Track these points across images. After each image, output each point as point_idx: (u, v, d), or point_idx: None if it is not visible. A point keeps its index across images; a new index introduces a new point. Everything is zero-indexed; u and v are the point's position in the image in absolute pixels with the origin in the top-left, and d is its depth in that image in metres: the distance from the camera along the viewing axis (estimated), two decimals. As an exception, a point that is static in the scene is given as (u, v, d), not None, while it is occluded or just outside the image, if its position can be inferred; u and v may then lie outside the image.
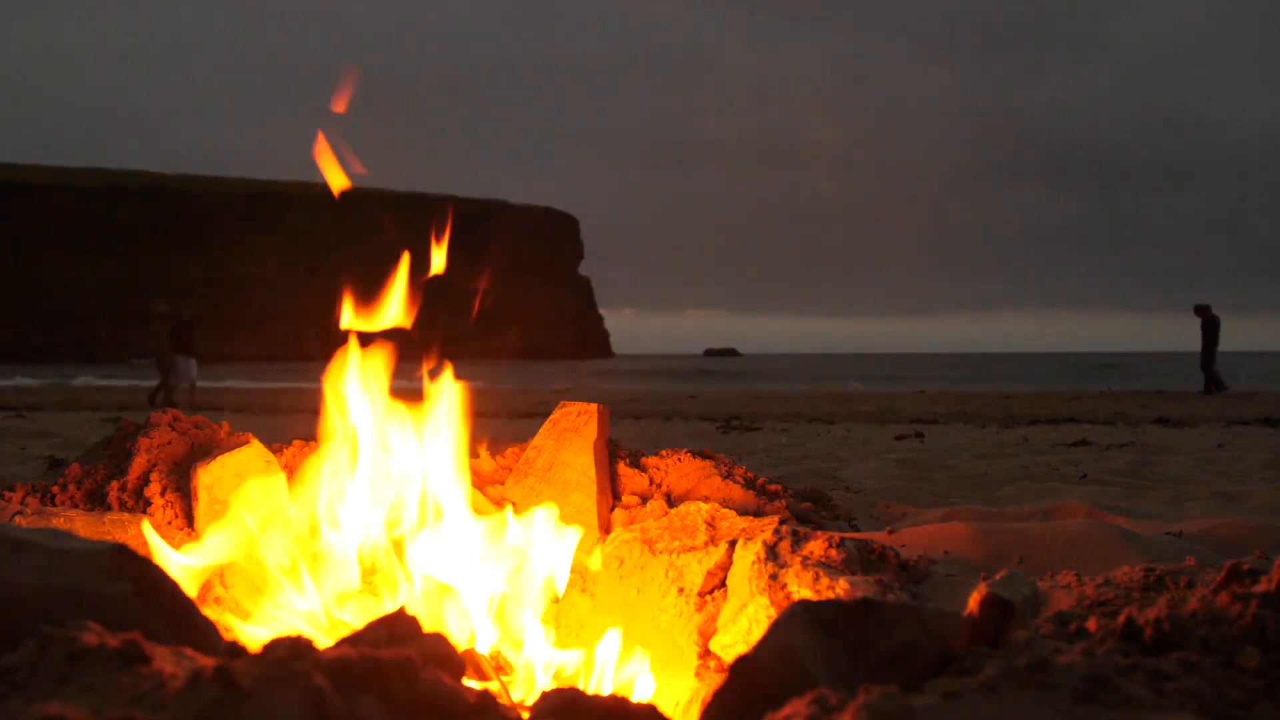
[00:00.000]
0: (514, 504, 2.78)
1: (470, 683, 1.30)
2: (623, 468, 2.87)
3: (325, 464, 2.23)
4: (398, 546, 2.26)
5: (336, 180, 2.32)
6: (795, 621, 1.15)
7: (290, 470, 2.85)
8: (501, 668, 2.11)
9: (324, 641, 1.15)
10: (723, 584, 2.32)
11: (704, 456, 2.93)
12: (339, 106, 2.28)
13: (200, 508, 2.65)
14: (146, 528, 1.99)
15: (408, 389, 2.35)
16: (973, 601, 1.23)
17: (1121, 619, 1.24)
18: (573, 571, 2.62)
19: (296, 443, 2.96)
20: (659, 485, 2.86)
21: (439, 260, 2.42)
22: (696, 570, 2.37)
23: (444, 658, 1.13)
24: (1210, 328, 18.45)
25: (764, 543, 2.15)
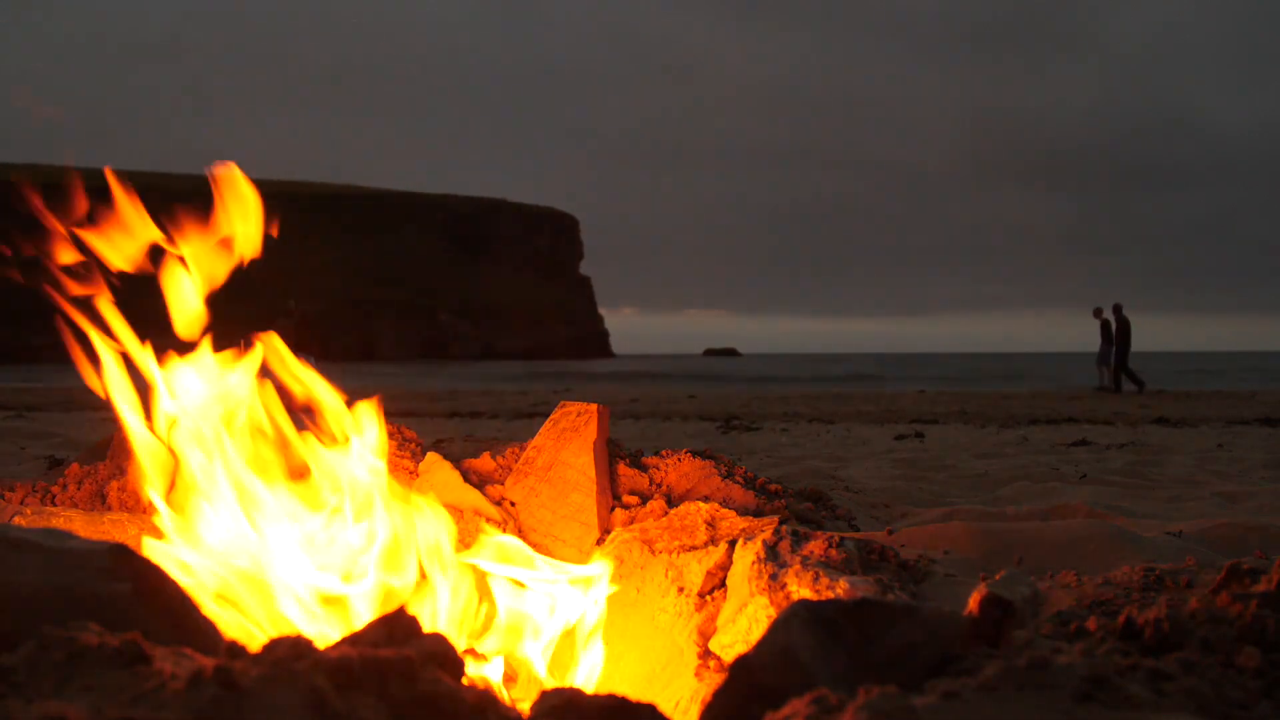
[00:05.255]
0: (513, 503, 2.79)
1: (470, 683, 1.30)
2: (623, 468, 2.87)
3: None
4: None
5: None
6: (795, 621, 1.15)
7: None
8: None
9: (324, 641, 1.15)
10: (723, 584, 2.32)
11: (704, 456, 2.93)
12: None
13: (200, 508, 2.65)
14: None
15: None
16: (973, 601, 1.23)
17: (1121, 619, 1.24)
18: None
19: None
20: (659, 485, 2.86)
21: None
22: (696, 570, 2.37)
23: (444, 658, 1.13)
24: (1126, 329, 18.86)
25: (764, 543, 2.15)
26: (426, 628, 1.19)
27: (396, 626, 1.17)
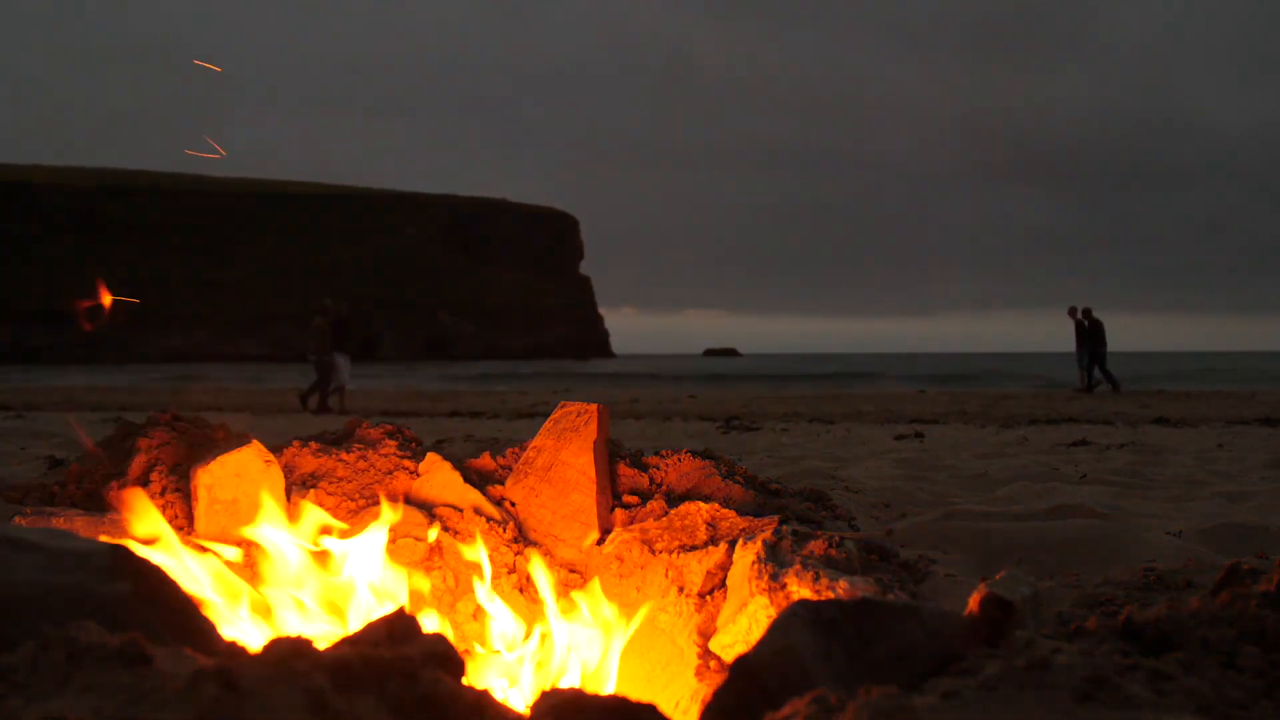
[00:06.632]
0: (513, 503, 2.79)
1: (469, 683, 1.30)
2: (623, 467, 2.87)
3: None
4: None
5: None
6: (795, 621, 1.15)
7: (290, 471, 2.85)
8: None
9: (324, 641, 1.15)
10: (723, 584, 2.32)
11: (704, 456, 2.93)
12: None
13: (200, 508, 2.65)
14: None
15: None
16: (973, 601, 1.23)
17: (1121, 619, 1.24)
18: (572, 571, 2.62)
19: (296, 443, 2.96)
20: (659, 485, 2.86)
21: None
22: (696, 570, 2.37)
23: (444, 658, 1.13)
24: (1099, 330, 19.13)
25: (764, 542, 2.15)
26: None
27: (396, 627, 1.17)
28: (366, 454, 2.87)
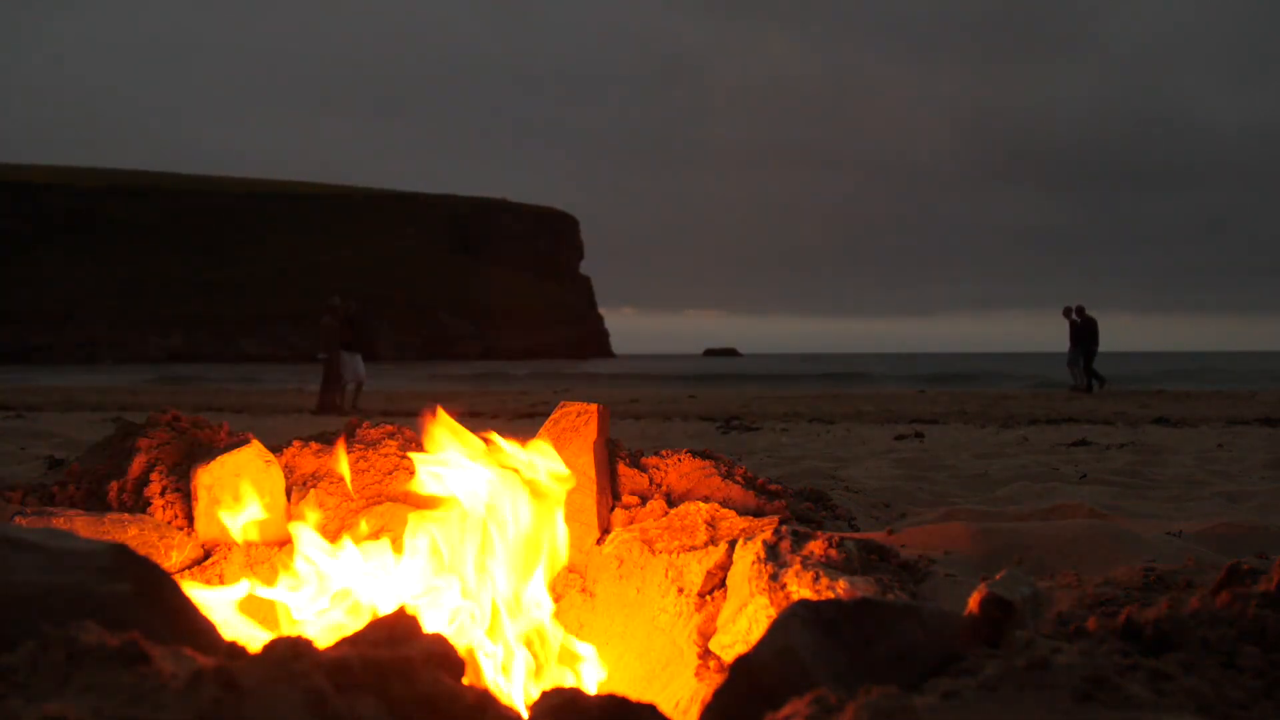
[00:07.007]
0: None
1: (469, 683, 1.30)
2: (623, 468, 2.87)
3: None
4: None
5: None
6: (795, 621, 1.15)
7: (290, 471, 2.85)
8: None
9: (324, 641, 1.15)
10: (723, 584, 2.32)
11: (704, 456, 2.93)
12: None
13: (200, 508, 2.65)
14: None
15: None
16: (973, 601, 1.23)
17: (1121, 619, 1.24)
18: (572, 571, 2.62)
19: (296, 443, 2.96)
20: (659, 485, 2.86)
21: None
22: (696, 570, 2.37)
23: (444, 658, 1.13)
24: (1093, 328, 19.11)
25: (764, 543, 2.15)
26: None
27: (397, 627, 1.17)
28: (367, 454, 2.87)
